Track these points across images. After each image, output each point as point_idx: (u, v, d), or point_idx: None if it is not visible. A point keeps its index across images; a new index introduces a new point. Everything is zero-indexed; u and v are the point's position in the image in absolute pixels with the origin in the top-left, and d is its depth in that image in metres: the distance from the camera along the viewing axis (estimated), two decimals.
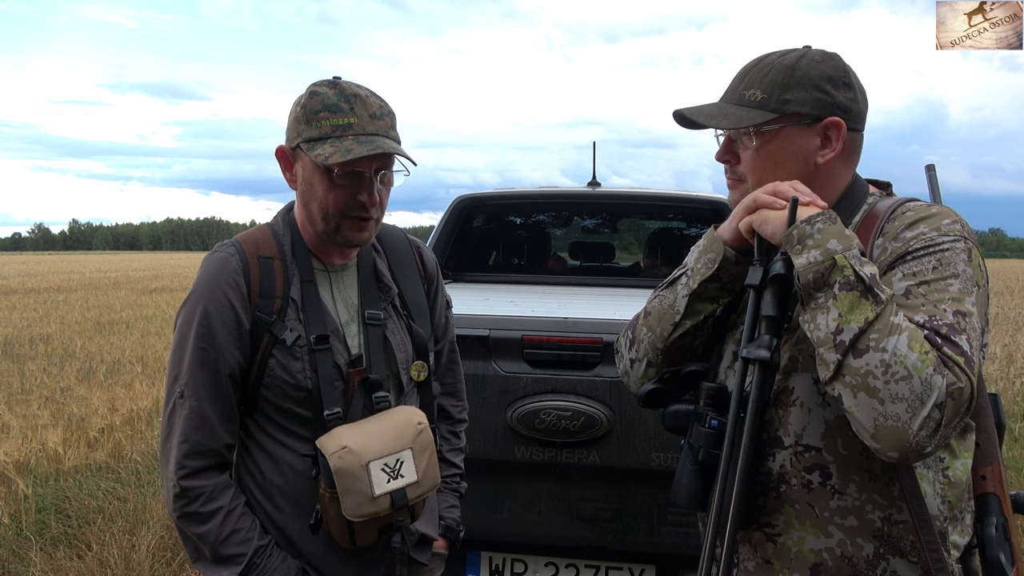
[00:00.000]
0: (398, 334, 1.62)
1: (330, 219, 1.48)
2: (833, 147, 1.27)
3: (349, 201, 1.47)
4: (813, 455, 1.21)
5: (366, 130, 1.45)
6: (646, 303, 1.41)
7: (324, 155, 1.41)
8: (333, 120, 1.43)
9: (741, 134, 1.29)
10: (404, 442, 1.49)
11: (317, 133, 1.44)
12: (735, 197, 1.32)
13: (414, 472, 1.50)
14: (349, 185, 1.46)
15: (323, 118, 1.44)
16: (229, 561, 1.45)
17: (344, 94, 1.46)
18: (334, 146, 1.41)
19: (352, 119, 1.44)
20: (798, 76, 1.25)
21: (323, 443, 1.45)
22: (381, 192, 1.50)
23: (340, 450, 1.42)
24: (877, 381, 1.03)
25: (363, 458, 1.43)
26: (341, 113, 1.44)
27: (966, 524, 1.24)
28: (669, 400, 1.34)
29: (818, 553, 1.22)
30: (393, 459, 1.47)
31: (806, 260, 1.10)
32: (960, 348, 1.05)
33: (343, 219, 1.48)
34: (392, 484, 1.47)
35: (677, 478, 1.27)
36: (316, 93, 1.46)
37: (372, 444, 1.46)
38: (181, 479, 1.43)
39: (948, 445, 1.21)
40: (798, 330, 1.21)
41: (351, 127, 1.44)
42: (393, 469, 1.47)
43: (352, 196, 1.47)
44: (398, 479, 1.48)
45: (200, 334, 1.45)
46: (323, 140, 1.43)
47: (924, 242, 1.16)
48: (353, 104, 1.45)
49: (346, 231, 1.50)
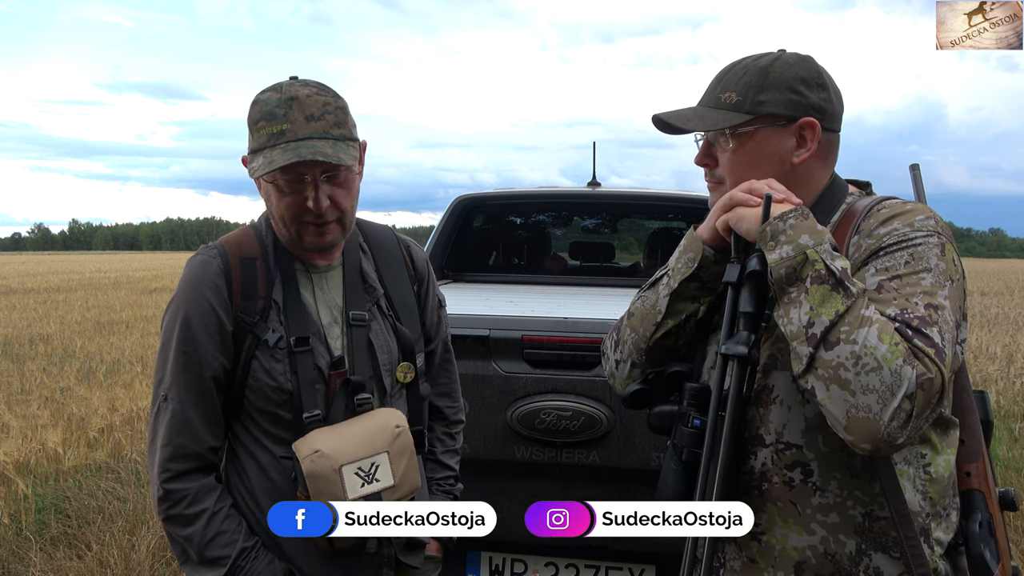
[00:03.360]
0: (382, 335, 1.60)
1: (289, 227, 1.48)
2: (808, 147, 1.28)
3: (301, 208, 1.44)
4: (794, 452, 1.22)
5: (298, 135, 1.40)
6: (630, 304, 1.42)
7: (255, 168, 1.41)
8: (268, 128, 1.41)
9: (718, 136, 1.31)
10: (380, 445, 1.47)
11: (256, 144, 1.43)
12: (714, 199, 1.34)
13: (391, 476, 1.48)
14: (298, 192, 1.43)
15: (260, 128, 1.42)
16: (214, 563, 1.45)
17: (282, 98, 1.42)
18: (265, 157, 1.40)
19: (284, 125, 1.41)
20: (772, 78, 1.27)
21: (298, 447, 1.44)
22: (334, 194, 1.46)
23: (312, 454, 1.41)
24: (848, 373, 1.04)
25: (336, 462, 1.42)
26: (275, 120, 1.41)
27: (951, 521, 1.24)
28: (654, 401, 1.35)
29: (801, 551, 1.22)
30: (368, 463, 1.45)
31: (779, 256, 1.12)
32: (931, 340, 1.06)
33: (300, 226, 1.47)
34: (366, 488, 1.45)
35: (662, 478, 1.27)
36: (257, 102, 1.45)
37: (346, 447, 1.44)
38: (164, 482, 1.43)
39: (929, 441, 1.21)
40: (777, 328, 1.22)
41: (283, 134, 1.40)
42: (368, 473, 1.45)
43: (303, 202, 1.44)
44: (373, 483, 1.46)
45: (181, 337, 1.45)
46: (260, 151, 1.42)
47: (897, 237, 1.18)
48: (288, 108, 1.41)
49: (307, 237, 1.48)
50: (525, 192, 4.52)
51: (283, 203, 1.45)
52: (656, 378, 1.36)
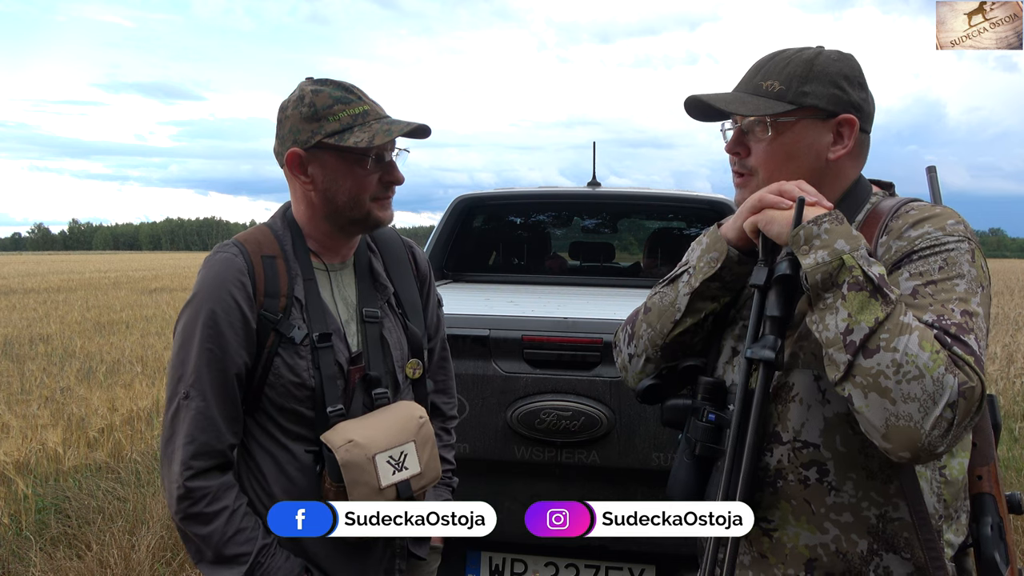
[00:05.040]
0: (394, 332, 1.64)
1: (362, 206, 1.52)
2: (845, 144, 1.27)
3: (385, 181, 1.53)
4: (811, 451, 1.22)
5: (379, 115, 1.50)
6: (646, 299, 1.41)
7: (366, 139, 1.44)
8: (349, 111, 1.47)
9: (755, 125, 1.28)
10: (407, 435, 1.53)
11: (338, 126, 1.46)
12: (742, 195, 1.31)
13: (417, 464, 1.53)
14: (376, 169, 1.51)
15: (338, 111, 1.47)
16: (233, 561, 1.45)
17: (343, 87, 1.50)
18: (365, 132, 1.45)
19: (365, 107, 1.49)
20: (817, 70, 1.26)
21: (328, 438, 1.46)
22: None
23: (347, 443, 1.44)
24: (889, 381, 1.03)
25: (369, 451, 1.46)
26: (353, 103, 1.48)
27: (961, 523, 1.25)
28: (667, 395, 1.34)
29: (813, 548, 1.22)
30: (397, 451, 1.50)
31: (814, 260, 1.10)
32: (970, 347, 1.05)
33: (375, 202, 1.53)
34: (397, 476, 1.50)
35: (674, 472, 1.27)
36: (319, 91, 1.48)
37: (377, 437, 1.48)
38: (187, 480, 1.43)
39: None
40: (800, 326, 1.21)
41: (367, 114, 1.49)
42: (397, 461, 1.50)
43: (378, 179, 1.52)
44: (402, 471, 1.51)
45: (206, 334, 1.45)
46: (348, 130, 1.46)
47: (929, 241, 1.16)
48: (358, 94, 1.50)
49: (376, 213, 1.54)
50: (525, 192, 4.52)
51: (365, 181, 1.50)
52: (669, 372, 1.35)
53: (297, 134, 1.48)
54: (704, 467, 1.23)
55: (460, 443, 2.44)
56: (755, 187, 1.27)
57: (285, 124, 1.50)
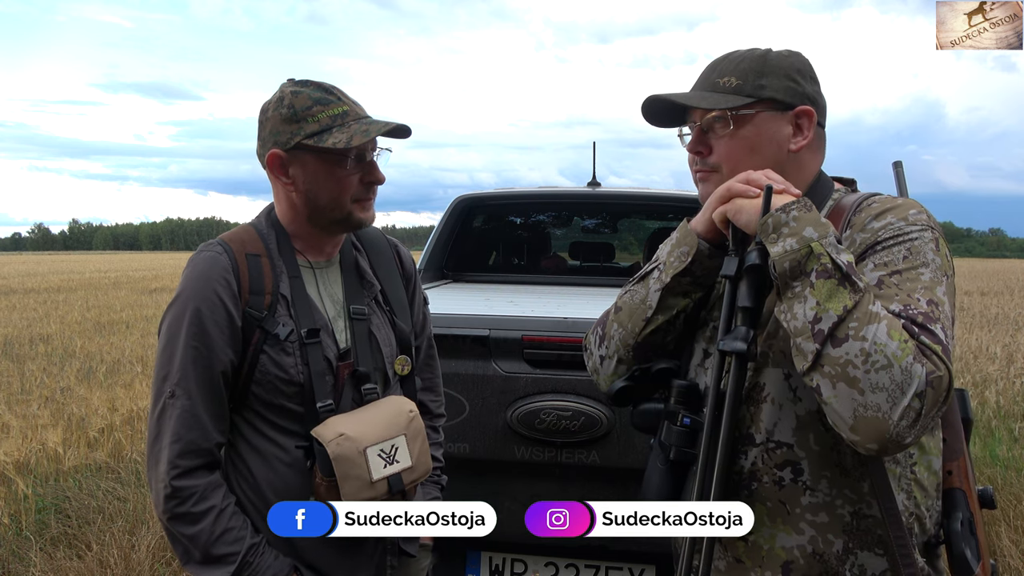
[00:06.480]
0: (383, 329, 1.65)
1: (343, 206, 1.53)
2: (805, 135, 1.29)
3: (358, 185, 1.53)
4: (785, 451, 1.21)
5: (359, 115, 1.51)
6: (616, 298, 1.39)
7: (344, 139, 1.44)
8: (328, 111, 1.48)
9: (715, 122, 1.29)
10: (398, 428, 1.53)
11: (317, 127, 1.47)
12: (706, 190, 1.30)
13: (408, 457, 1.53)
14: (356, 169, 1.51)
15: (317, 112, 1.48)
16: (221, 560, 1.44)
17: (323, 88, 1.51)
18: (343, 132, 1.46)
19: (345, 107, 1.50)
20: (771, 65, 1.28)
21: (319, 432, 1.46)
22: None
23: (338, 437, 1.44)
24: (857, 370, 1.02)
25: (360, 444, 1.46)
26: (332, 104, 1.49)
27: (933, 520, 1.24)
28: (639, 398, 1.32)
29: (789, 551, 1.22)
30: (388, 445, 1.50)
31: (782, 248, 1.09)
32: (936, 336, 1.05)
33: (355, 203, 1.54)
34: (388, 469, 1.50)
35: (647, 477, 1.26)
36: (298, 92, 1.49)
37: (368, 431, 1.48)
38: (173, 479, 1.42)
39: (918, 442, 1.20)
40: (768, 324, 1.20)
41: (347, 114, 1.49)
42: (388, 455, 1.50)
43: (359, 180, 1.52)
44: (394, 464, 1.51)
45: (191, 333, 1.45)
46: (327, 131, 1.47)
47: (892, 231, 1.17)
48: (338, 95, 1.51)
49: (357, 214, 1.55)
50: (525, 192, 4.52)
51: (346, 182, 1.51)
52: (642, 375, 1.32)
53: (277, 136, 1.49)
54: (679, 472, 1.22)
55: (460, 443, 2.44)
56: (719, 182, 1.26)
57: (266, 126, 1.51)
